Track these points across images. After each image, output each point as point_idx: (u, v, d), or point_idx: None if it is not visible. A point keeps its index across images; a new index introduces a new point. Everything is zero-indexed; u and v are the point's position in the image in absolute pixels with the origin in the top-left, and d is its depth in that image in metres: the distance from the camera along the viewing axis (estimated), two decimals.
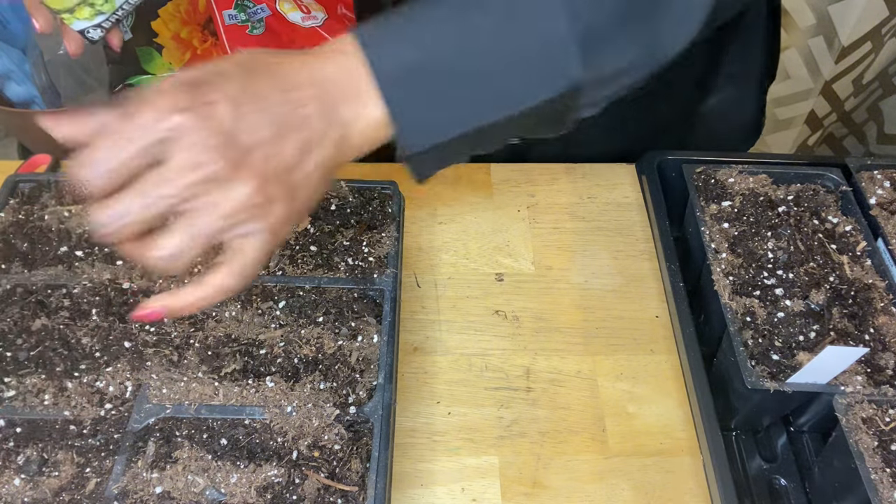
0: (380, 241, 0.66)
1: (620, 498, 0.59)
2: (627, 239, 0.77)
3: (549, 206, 0.79)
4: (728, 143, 0.90)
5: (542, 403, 0.64)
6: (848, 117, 1.59)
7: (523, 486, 0.59)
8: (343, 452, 0.53)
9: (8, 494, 0.52)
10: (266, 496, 0.51)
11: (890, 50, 1.42)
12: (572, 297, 0.72)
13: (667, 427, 0.63)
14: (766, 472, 0.62)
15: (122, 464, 0.52)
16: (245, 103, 0.41)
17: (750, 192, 0.71)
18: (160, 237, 0.41)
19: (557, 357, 0.67)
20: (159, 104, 0.40)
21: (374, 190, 0.70)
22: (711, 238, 0.67)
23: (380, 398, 0.55)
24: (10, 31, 1.46)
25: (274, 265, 0.64)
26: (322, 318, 0.61)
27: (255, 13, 1.47)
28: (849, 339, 0.60)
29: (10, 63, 1.42)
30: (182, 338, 0.59)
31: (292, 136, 0.42)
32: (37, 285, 0.62)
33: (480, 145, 0.48)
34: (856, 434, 0.54)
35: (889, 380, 0.58)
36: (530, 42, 0.44)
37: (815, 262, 0.65)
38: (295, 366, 0.58)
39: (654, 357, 0.68)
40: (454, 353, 0.67)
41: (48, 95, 1.45)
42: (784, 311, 0.62)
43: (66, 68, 1.39)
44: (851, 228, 0.68)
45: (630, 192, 0.81)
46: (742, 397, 0.58)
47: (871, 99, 1.55)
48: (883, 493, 0.51)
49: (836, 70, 1.48)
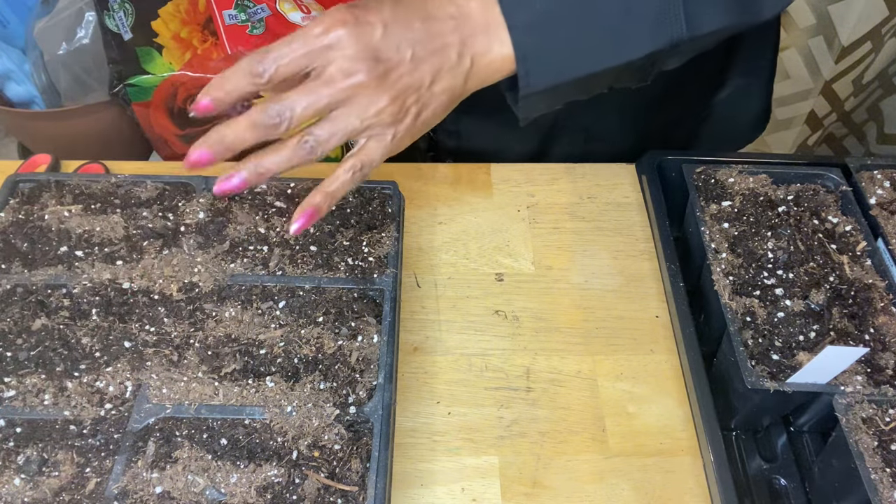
0: (380, 241, 0.66)
1: (620, 498, 0.59)
2: (627, 239, 0.77)
3: (549, 206, 0.79)
4: (738, 134, 0.93)
5: (542, 403, 0.64)
6: (848, 117, 1.59)
7: (523, 486, 0.59)
8: (343, 452, 0.53)
9: (8, 494, 0.52)
10: (266, 496, 0.51)
11: (890, 50, 1.42)
12: (572, 297, 0.72)
13: (667, 427, 0.63)
14: (766, 472, 0.62)
15: (122, 464, 0.52)
16: (395, 28, 0.48)
17: (750, 192, 0.71)
18: (313, 126, 0.49)
19: (557, 357, 0.67)
20: (327, 21, 0.47)
21: (374, 190, 0.70)
22: (711, 238, 0.67)
23: (380, 398, 0.55)
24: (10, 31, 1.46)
25: (274, 265, 0.64)
26: (322, 318, 0.61)
27: (255, 13, 1.47)
28: (849, 339, 0.60)
29: (10, 63, 1.42)
30: (182, 338, 0.59)
31: (429, 60, 0.49)
32: (37, 285, 0.62)
33: (583, 92, 0.56)
34: (856, 434, 0.54)
35: (889, 380, 0.58)
36: (641, 15, 0.52)
37: (815, 262, 0.65)
38: (295, 366, 0.58)
39: (654, 357, 0.68)
40: (454, 353, 0.67)
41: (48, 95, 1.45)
42: (784, 311, 0.62)
43: (66, 68, 1.39)
44: (851, 228, 0.68)
45: (630, 192, 0.81)
46: (742, 397, 0.58)
47: (871, 99, 1.54)
48: (883, 493, 0.51)
49: (836, 70, 1.48)
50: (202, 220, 0.67)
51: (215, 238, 0.65)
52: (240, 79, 0.47)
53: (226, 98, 0.47)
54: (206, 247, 0.65)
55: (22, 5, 1.45)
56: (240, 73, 0.47)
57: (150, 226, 0.66)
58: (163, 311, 0.61)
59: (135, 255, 0.64)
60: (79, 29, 1.36)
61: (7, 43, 1.44)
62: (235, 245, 0.65)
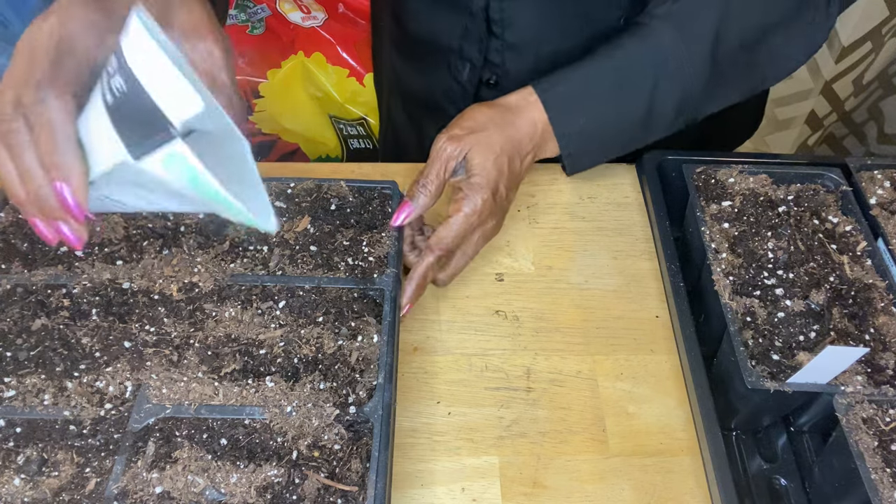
0: (380, 241, 0.66)
1: (620, 498, 0.59)
2: (627, 239, 0.77)
3: (549, 206, 0.79)
4: (731, 136, 0.98)
5: (542, 403, 0.64)
6: (848, 117, 1.60)
7: (523, 486, 0.59)
8: (343, 452, 0.53)
9: (8, 494, 0.52)
10: (266, 496, 0.51)
11: (890, 50, 1.42)
12: (572, 297, 0.72)
13: (667, 427, 0.63)
14: (766, 472, 0.62)
15: (122, 464, 0.52)
16: (509, 183, 0.70)
17: (750, 192, 0.71)
18: (452, 260, 0.69)
19: (557, 357, 0.67)
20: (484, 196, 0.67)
21: (374, 190, 0.70)
22: (711, 238, 0.67)
23: (380, 398, 0.55)
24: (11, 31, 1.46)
25: (274, 265, 0.64)
26: (322, 317, 0.61)
27: (255, 13, 1.47)
28: (849, 339, 0.60)
29: None
30: (182, 338, 0.59)
31: (521, 178, 0.72)
32: (37, 285, 0.62)
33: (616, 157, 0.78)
34: (856, 434, 0.54)
35: (889, 380, 0.58)
36: (662, 114, 0.72)
37: (815, 262, 0.65)
38: (295, 366, 0.58)
39: (654, 357, 0.68)
40: (454, 353, 0.67)
41: None
42: (784, 311, 0.62)
43: None
44: (851, 228, 0.68)
45: (630, 192, 0.81)
46: (742, 397, 0.58)
47: (872, 99, 1.55)
48: (883, 493, 0.51)
49: (836, 70, 1.49)
50: (202, 219, 0.67)
51: (215, 238, 0.65)
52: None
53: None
54: (206, 247, 0.65)
55: (23, 5, 1.45)
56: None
57: (150, 226, 0.66)
58: (163, 311, 0.61)
59: (135, 255, 0.64)
60: None
61: (7, 43, 1.44)
62: (235, 245, 0.65)
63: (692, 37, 0.70)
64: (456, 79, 0.84)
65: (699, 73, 0.70)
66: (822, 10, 0.72)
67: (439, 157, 0.67)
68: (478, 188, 0.66)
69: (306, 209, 0.68)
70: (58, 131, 0.45)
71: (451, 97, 0.86)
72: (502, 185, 0.68)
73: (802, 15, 0.72)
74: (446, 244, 0.66)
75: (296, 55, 1.42)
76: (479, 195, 0.66)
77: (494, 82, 0.82)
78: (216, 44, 0.50)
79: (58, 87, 0.45)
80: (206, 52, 0.50)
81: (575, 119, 0.71)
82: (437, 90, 0.87)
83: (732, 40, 0.70)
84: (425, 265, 0.66)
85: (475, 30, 0.78)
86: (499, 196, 0.68)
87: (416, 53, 0.88)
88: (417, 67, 0.90)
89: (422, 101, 0.92)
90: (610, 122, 0.72)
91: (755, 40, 0.72)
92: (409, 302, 0.65)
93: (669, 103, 0.71)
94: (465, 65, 0.82)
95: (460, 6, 0.78)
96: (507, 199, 0.70)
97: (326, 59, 1.41)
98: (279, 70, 1.43)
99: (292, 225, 0.67)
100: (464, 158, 0.67)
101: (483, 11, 0.77)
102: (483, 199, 0.66)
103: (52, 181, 0.45)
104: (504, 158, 0.68)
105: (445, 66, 0.84)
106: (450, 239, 0.66)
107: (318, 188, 0.69)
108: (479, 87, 0.84)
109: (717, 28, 0.69)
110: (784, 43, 0.73)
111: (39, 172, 0.45)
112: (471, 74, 0.83)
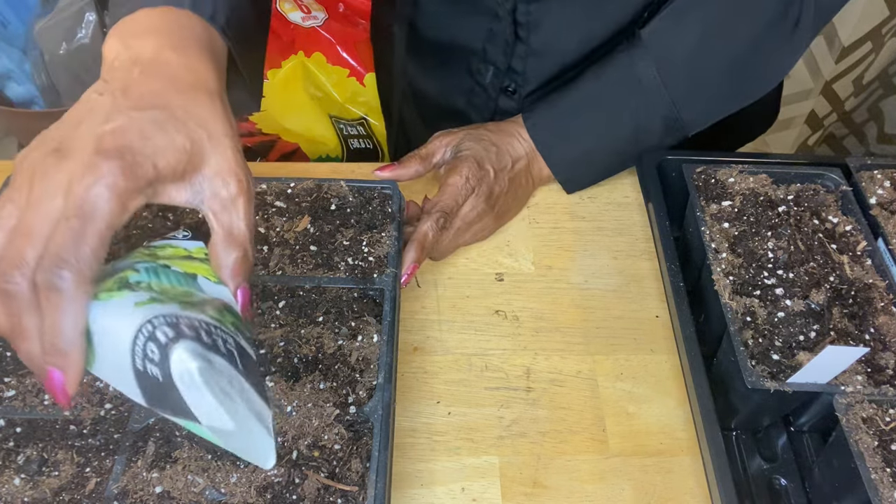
0: (380, 241, 0.66)
1: (620, 498, 0.59)
2: (627, 239, 0.77)
3: (549, 206, 0.79)
4: (747, 130, 1.01)
5: (542, 403, 0.64)
6: (848, 117, 1.60)
7: (523, 486, 0.59)
8: (343, 452, 0.53)
9: (8, 494, 0.52)
10: (266, 496, 0.51)
11: (890, 50, 1.42)
12: (572, 297, 0.72)
13: (667, 427, 0.63)
14: (766, 472, 0.62)
15: (122, 464, 0.52)
16: (505, 193, 0.75)
17: (750, 191, 0.71)
18: (451, 229, 0.72)
19: (557, 357, 0.67)
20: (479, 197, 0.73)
21: (374, 190, 0.70)
22: (711, 238, 0.67)
23: (380, 398, 0.55)
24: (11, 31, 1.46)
25: (274, 265, 0.64)
26: (322, 317, 0.61)
27: None
28: (849, 339, 0.60)
29: (10, 63, 1.42)
30: None
31: (521, 200, 0.79)
32: None
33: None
34: (856, 434, 0.54)
35: (889, 380, 0.58)
36: (650, 131, 0.76)
37: (815, 262, 0.65)
38: (295, 366, 0.58)
39: (654, 357, 0.68)
40: (454, 353, 0.67)
41: (48, 95, 1.45)
42: (784, 310, 0.62)
43: (66, 68, 1.39)
44: (851, 228, 0.68)
45: (630, 192, 0.81)
46: (742, 397, 0.58)
47: (872, 99, 1.55)
48: (883, 492, 0.51)
49: (836, 70, 1.49)
50: (202, 219, 0.67)
51: None
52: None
53: None
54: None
55: (22, 5, 1.45)
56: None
57: (150, 226, 0.66)
58: None
59: None
60: (79, 29, 1.36)
61: (7, 43, 1.44)
62: None
63: (668, 60, 0.72)
64: (479, 82, 0.84)
65: (679, 95, 0.73)
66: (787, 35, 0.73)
67: (433, 143, 0.76)
68: (463, 159, 0.72)
69: (306, 209, 0.68)
70: (68, 317, 0.41)
71: (472, 101, 0.86)
72: (489, 164, 0.73)
73: (776, 32, 0.73)
74: (441, 206, 0.70)
75: (296, 55, 1.42)
76: (464, 164, 0.72)
77: (513, 90, 0.83)
78: (240, 193, 0.47)
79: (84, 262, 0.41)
80: (229, 199, 0.47)
81: (565, 149, 0.77)
82: (456, 93, 0.87)
83: (710, 60, 0.73)
84: (424, 227, 0.68)
85: (501, 33, 0.78)
86: (485, 171, 0.73)
87: (433, 57, 0.88)
88: (434, 71, 0.89)
89: (439, 104, 0.91)
90: (598, 150, 0.78)
91: (735, 59, 0.74)
92: (413, 263, 0.66)
93: (656, 123, 0.75)
94: (488, 68, 0.82)
95: (484, 9, 0.77)
96: (497, 181, 0.74)
97: (327, 59, 1.41)
98: (279, 70, 1.42)
99: (292, 225, 0.67)
100: (456, 148, 0.75)
101: (510, 14, 0.76)
102: (468, 167, 0.72)
103: (47, 364, 0.41)
104: (493, 149, 0.75)
105: (465, 68, 0.84)
106: (443, 202, 0.70)
107: (318, 188, 0.69)
108: (500, 93, 0.84)
109: (695, 49, 0.72)
110: (764, 61, 0.75)
111: (37, 348, 0.41)
112: (494, 79, 0.82)
